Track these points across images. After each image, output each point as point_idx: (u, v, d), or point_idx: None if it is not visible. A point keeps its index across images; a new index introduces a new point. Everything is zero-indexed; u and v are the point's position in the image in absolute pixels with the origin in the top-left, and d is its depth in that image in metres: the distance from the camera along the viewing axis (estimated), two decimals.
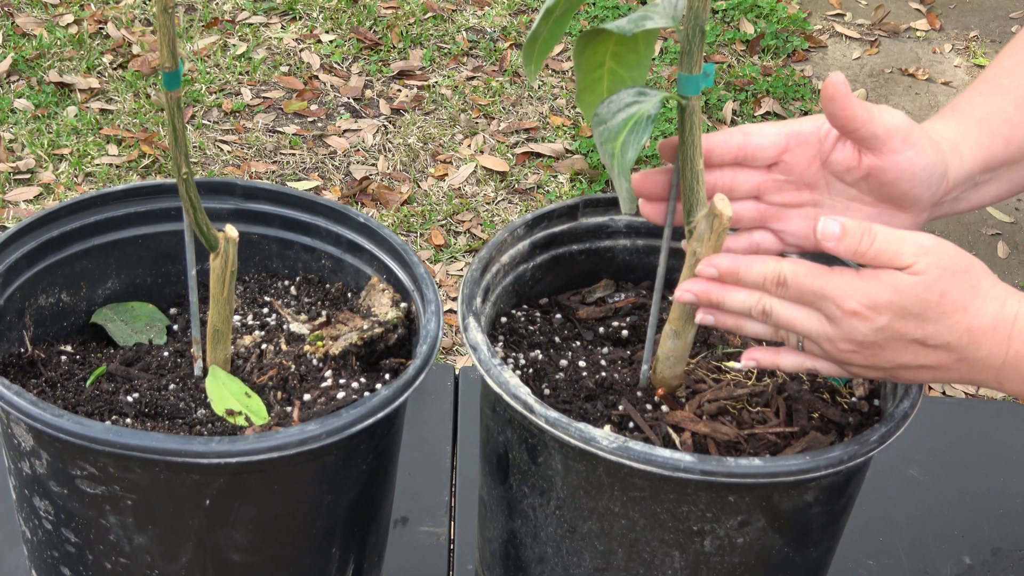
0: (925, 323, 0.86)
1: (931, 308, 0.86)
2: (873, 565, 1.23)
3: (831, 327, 0.87)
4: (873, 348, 0.87)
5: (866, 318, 0.86)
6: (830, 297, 0.86)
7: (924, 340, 0.86)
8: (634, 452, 0.86)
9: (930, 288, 0.85)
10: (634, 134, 0.85)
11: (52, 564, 0.98)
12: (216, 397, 0.98)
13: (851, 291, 0.86)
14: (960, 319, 0.86)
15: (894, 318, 0.85)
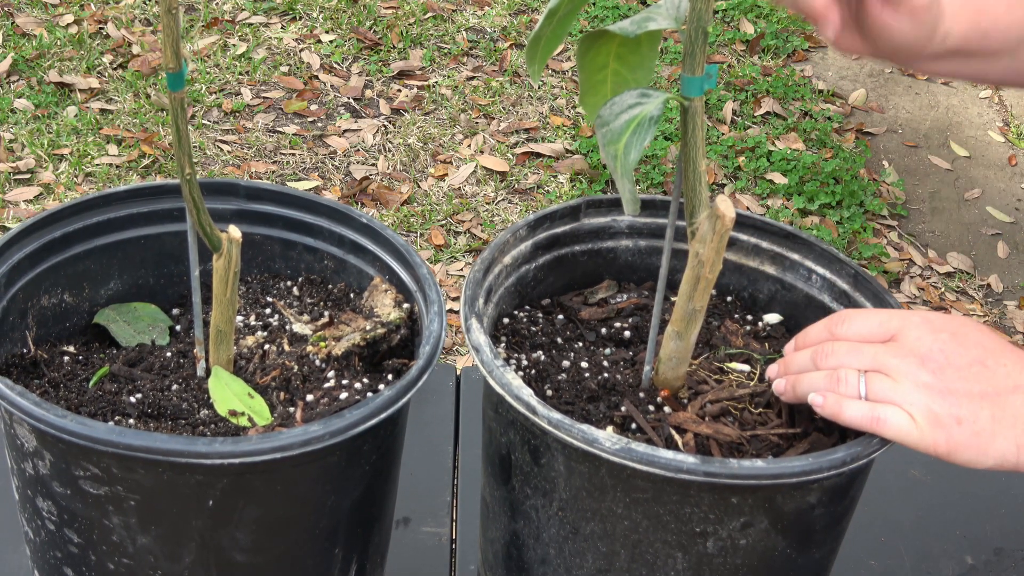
0: (983, 337, 0.88)
1: (985, 331, 0.89)
2: (875, 566, 1.23)
3: (894, 344, 0.89)
4: (936, 363, 0.88)
5: (929, 327, 0.88)
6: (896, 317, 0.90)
7: (984, 360, 0.88)
8: (637, 453, 0.86)
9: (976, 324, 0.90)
10: (637, 135, 0.85)
11: (55, 565, 0.98)
12: (219, 398, 0.98)
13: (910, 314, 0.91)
14: (1011, 348, 0.89)
15: (955, 334, 0.88)
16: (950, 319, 0.90)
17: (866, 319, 0.92)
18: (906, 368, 0.88)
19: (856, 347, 0.91)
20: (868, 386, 0.89)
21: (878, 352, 0.90)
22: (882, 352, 0.89)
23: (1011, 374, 0.87)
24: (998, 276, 3.13)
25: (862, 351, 0.90)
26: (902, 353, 0.89)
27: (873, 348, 0.90)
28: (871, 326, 0.92)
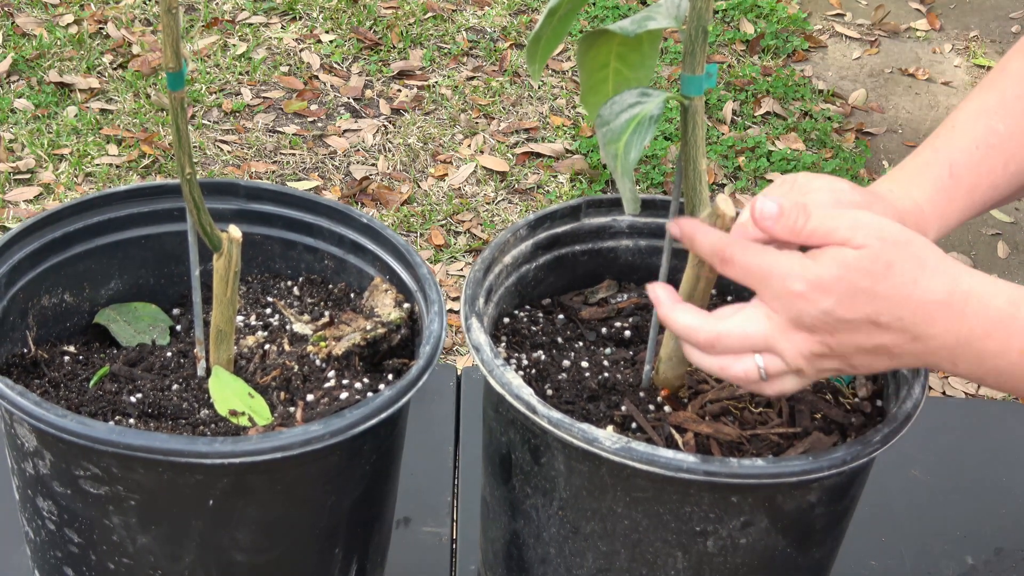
0: (875, 299, 0.82)
1: (879, 281, 0.82)
2: (875, 565, 1.23)
3: (776, 317, 0.84)
4: (826, 332, 0.83)
5: (813, 300, 0.82)
6: (777, 276, 0.83)
7: (876, 318, 0.83)
8: (637, 453, 0.86)
9: (876, 260, 0.82)
10: (637, 135, 0.85)
11: (55, 564, 0.98)
12: (219, 397, 0.98)
13: (799, 269, 0.83)
14: (911, 292, 0.83)
15: (843, 297, 0.82)
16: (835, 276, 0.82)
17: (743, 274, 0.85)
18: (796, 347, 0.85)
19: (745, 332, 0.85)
20: (767, 370, 0.86)
21: (766, 334, 0.85)
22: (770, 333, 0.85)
23: (908, 327, 0.83)
24: (998, 276, 3.13)
25: (751, 337, 0.85)
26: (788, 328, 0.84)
27: (759, 328, 0.85)
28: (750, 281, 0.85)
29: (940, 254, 0.85)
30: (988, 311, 0.84)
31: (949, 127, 1.04)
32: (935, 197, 1.01)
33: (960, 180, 1.01)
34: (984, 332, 0.83)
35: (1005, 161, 1.02)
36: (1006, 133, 1.02)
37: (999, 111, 1.03)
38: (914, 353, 0.85)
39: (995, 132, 1.02)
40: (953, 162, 1.02)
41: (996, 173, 1.02)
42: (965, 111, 1.04)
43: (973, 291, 0.84)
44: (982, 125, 1.03)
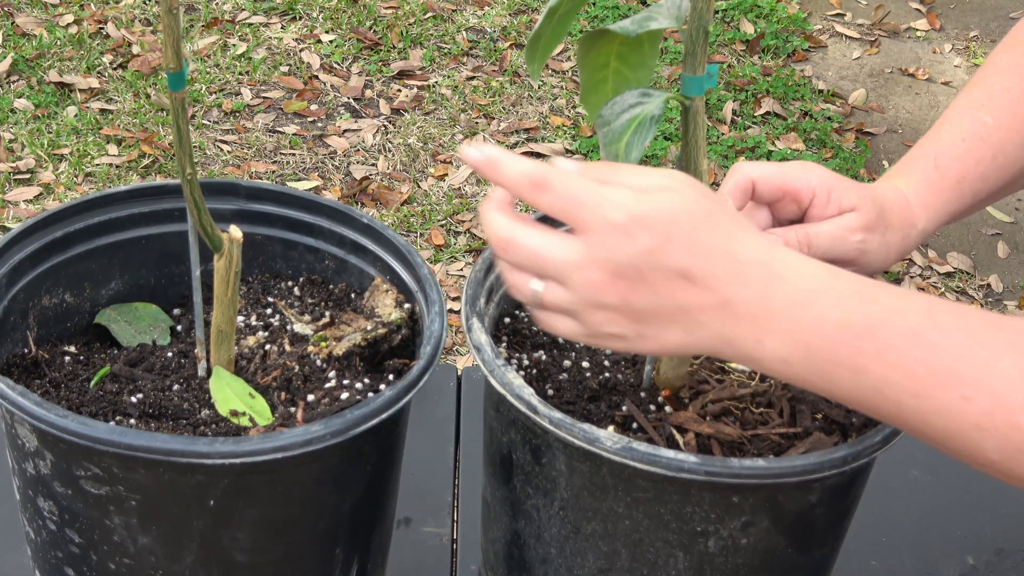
0: (694, 247, 0.75)
1: (702, 227, 0.76)
2: (876, 565, 1.23)
3: (585, 249, 0.75)
4: (631, 280, 0.75)
5: (633, 235, 0.74)
6: (598, 204, 0.75)
7: (689, 271, 0.75)
8: (638, 453, 0.86)
9: (699, 204, 0.76)
10: (638, 135, 0.85)
11: (56, 564, 0.98)
12: (220, 398, 0.98)
13: (624, 199, 0.75)
14: (729, 246, 0.76)
15: (664, 239, 0.75)
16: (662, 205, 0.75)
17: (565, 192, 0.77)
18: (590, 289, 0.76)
19: (543, 251, 0.77)
20: (544, 300, 0.78)
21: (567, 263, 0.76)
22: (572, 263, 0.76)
23: (720, 287, 0.76)
24: (998, 276, 3.13)
25: (546, 260, 0.77)
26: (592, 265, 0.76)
27: (562, 254, 0.76)
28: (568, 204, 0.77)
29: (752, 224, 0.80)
30: (805, 277, 0.77)
31: (938, 123, 1.05)
32: (920, 189, 1.01)
33: (946, 172, 1.02)
34: (801, 300, 0.76)
35: (994, 153, 1.02)
36: (994, 125, 1.02)
37: (987, 104, 1.03)
38: (717, 327, 0.77)
39: (983, 124, 1.03)
40: (938, 154, 1.02)
41: (985, 164, 1.02)
42: (954, 106, 1.05)
43: (789, 258, 0.78)
44: (969, 118, 1.03)
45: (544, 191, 0.77)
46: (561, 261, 0.77)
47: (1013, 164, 1.03)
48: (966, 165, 1.02)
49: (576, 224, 0.76)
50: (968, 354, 0.75)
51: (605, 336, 0.78)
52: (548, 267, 0.77)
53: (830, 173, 0.98)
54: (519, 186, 0.77)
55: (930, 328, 0.76)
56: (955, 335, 0.75)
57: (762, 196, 0.98)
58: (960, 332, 0.76)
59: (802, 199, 0.98)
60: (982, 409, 0.74)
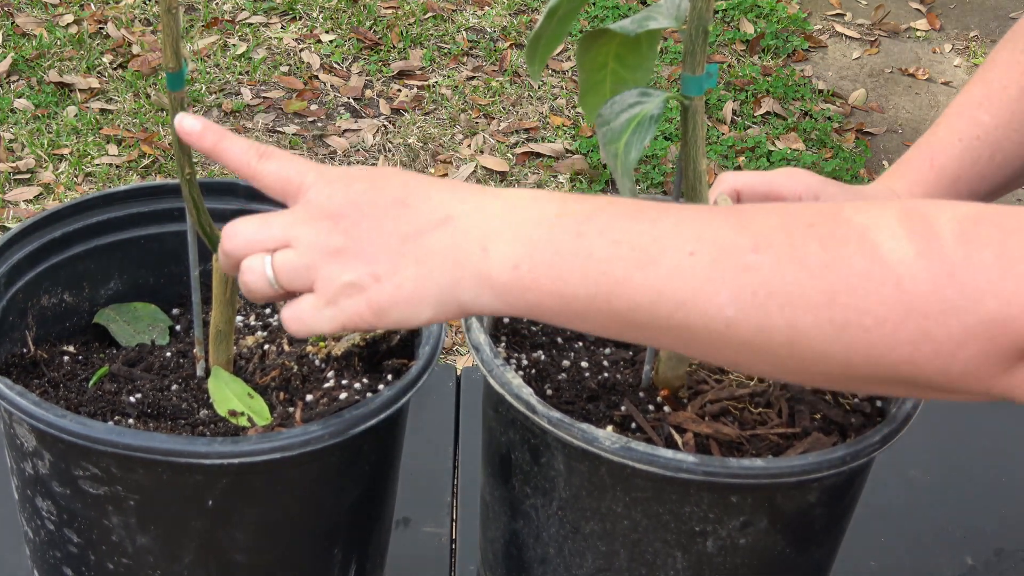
0: (408, 183, 0.76)
1: (412, 174, 0.77)
2: (875, 566, 1.23)
3: (304, 206, 0.76)
4: (352, 218, 0.75)
5: (346, 181, 0.76)
6: (315, 166, 0.77)
7: (406, 198, 0.75)
8: (637, 453, 0.86)
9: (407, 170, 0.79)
10: (637, 135, 0.85)
11: (54, 564, 0.97)
12: (218, 398, 0.98)
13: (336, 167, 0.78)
14: (444, 181, 0.77)
15: (377, 180, 0.76)
16: (370, 168, 0.78)
17: (284, 159, 0.79)
18: (315, 235, 0.75)
19: (263, 221, 0.77)
20: (276, 270, 0.76)
21: (287, 222, 0.76)
22: (291, 221, 0.76)
23: (438, 206, 0.75)
24: None
25: (268, 224, 0.77)
26: (312, 216, 0.76)
27: (282, 218, 0.76)
28: (287, 169, 0.78)
29: None
30: (522, 192, 0.76)
31: (937, 122, 1.05)
32: (915, 188, 1.02)
33: (942, 171, 1.02)
34: (518, 204, 0.75)
35: (992, 152, 1.02)
36: (991, 124, 1.02)
37: (985, 102, 1.03)
38: (443, 244, 0.74)
39: (980, 123, 1.03)
40: (935, 154, 1.02)
41: (982, 163, 1.02)
42: (953, 105, 1.05)
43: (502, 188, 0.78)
44: (967, 117, 1.03)
45: (269, 157, 0.78)
46: (284, 220, 0.76)
47: (1011, 163, 1.03)
48: (963, 164, 1.02)
49: (296, 188, 0.77)
50: (688, 218, 0.73)
51: (343, 290, 0.75)
52: (274, 228, 0.76)
53: (817, 179, 0.98)
54: (246, 153, 0.79)
55: (648, 206, 0.74)
56: (674, 209, 0.74)
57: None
58: (678, 207, 0.74)
59: None
60: (709, 258, 0.70)
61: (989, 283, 0.65)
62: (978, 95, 1.04)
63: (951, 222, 0.67)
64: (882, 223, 0.68)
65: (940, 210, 0.68)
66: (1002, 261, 0.65)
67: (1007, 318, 0.65)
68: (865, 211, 0.69)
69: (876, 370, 0.69)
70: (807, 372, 0.72)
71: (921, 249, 0.66)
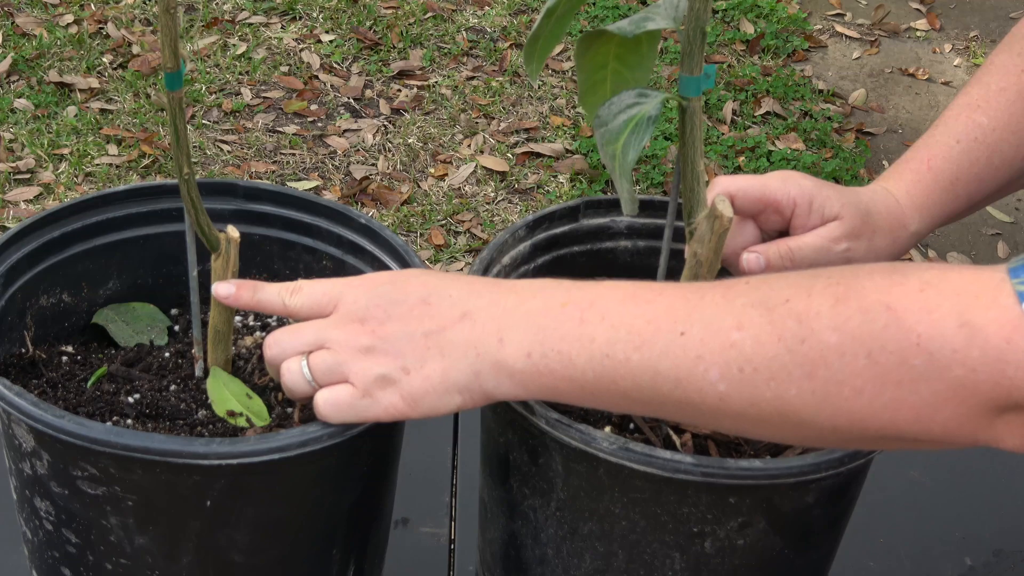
0: (428, 282, 0.83)
1: (429, 273, 0.85)
2: (874, 567, 1.23)
3: (335, 314, 0.84)
4: (378, 319, 0.82)
5: (368, 286, 0.84)
6: (338, 281, 0.85)
7: (427, 298, 0.83)
8: (635, 454, 0.86)
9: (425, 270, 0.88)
10: (635, 135, 0.85)
11: (53, 564, 0.97)
12: (217, 398, 0.98)
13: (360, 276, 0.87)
14: (458, 277, 0.85)
15: (398, 282, 0.84)
16: (392, 272, 0.87)
17: (312, 288, 0.87)
18: (345, 336, 0.83)
19: (297, 329, 0.86)
20: (312, 369, 0.85)
21: (320, 327, 0.85)
22: (323, 326, 0.85)
23: (457, 303, 0.82)
24: None
25: (303, 331, 0.86)
26: (342, 321, 0.84)
27: (316, 324, 0.85)
28: (317, 296, 0.86)
29: None
30: (532, 283, 0.84)
31: (934, 124, 1.05)
32: (912, 190, 1.02)
33: (939, 173, 1.02)
34: (530, 294, 0.82)
35: (989, 154, 1.02)
36: (989, 126, 1.03)
37: (982, 105, 1.03)
38: (464, 338, 0.81)
39: (978, 126, 1.03)
40: (932, 156, 1.03)
41: (980, 166, 1.02)
42: (951, 107, 1.05)
43: (515, 280, 0.86)
44: (964, 119, 1.03)
45: (298, 292, 0.87)
46: (317, 326, 0.85)
47: (1009, 165, 1.03)
48: (960, 166, 1.02)
49: (326, 305, 0.85)
50: (679, 298, 0.78)
51: (376, 383, 0.83)
52: (308, 334, 0.85)
53: (812, 181, 0.98)
54: (279, 296, 0.88)
55: (644, 290, 0.80)
56: (667, 290, 0.79)
57: (742, 209, 0.99)
58: (672, 288, 0.79)
59: (783, 210, 0.98)
60: (697, 338, 0.75)
61: (954, 352, 0.68)
62: (976, 97, 1.04)
63: (913, 291, 0.70)
64: (850, 295, 0.72)
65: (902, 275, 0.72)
66: (964, 330, 0.68)
67: (975, 383, 0.68)
68: (837, 282, 0.73)
69: (864, 433, 0.73)
70: (803, 437, 0.78)
71: (886, 321, 0.70)
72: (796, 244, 0.98)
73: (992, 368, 0.67)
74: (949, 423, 0.70)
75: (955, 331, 0.68)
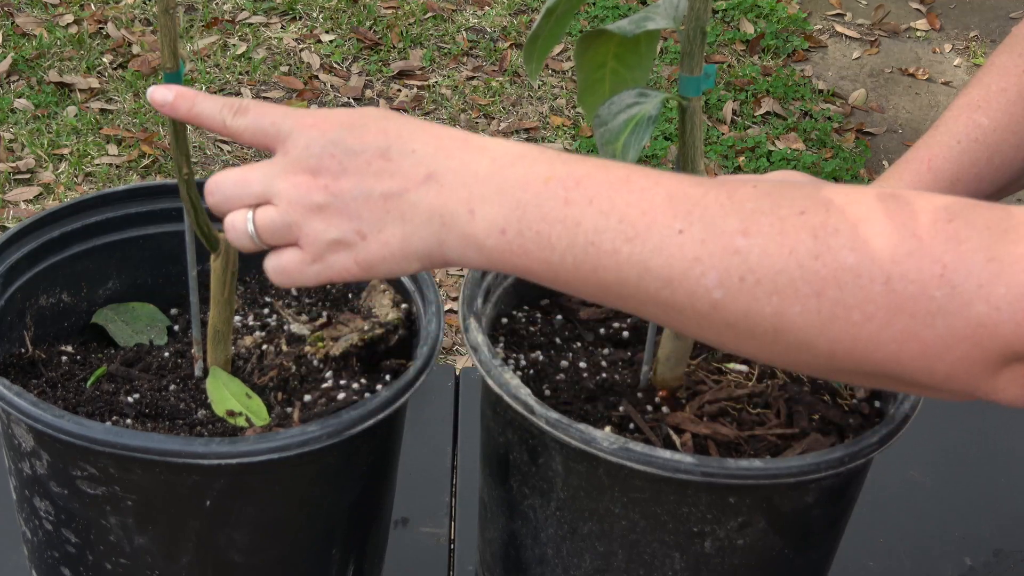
0: (388, 130, 0.74)
1: (392, 116, 0.76)
2: (874, 566, 1.23)
3: (283, 158, 0.76)
4: (332, 172, 0.74)
5: (321, 128, 0.75)
6: (292, 115, 0.76)
7: (387, 150, 0.74)
8: (635, 453, 0.86)
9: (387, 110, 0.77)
10: (635, 135, 0.85)
11: (52, 564, 0.97)
12: (216, 398, 0.98)
13: (313, 110, 0.77)
14: (424, 126, 0.75)
15: (354, 125, 0.75)
16: (349, 112, 0.76)
17: (260, 112, 0.78)
18: (295, 191, 0.75)
19: (243, 177, 0.77)
20: (258, 228, 0.76)
21: (267, 176, 0.76)
22: (271, 174, 0.76)
23: (421, 161, 0.74)
24: None
25: (248, 180, 0.77)
26: (292, 169, 0.75)
27: (262, 172, 0.76)
28: (263, 124, 0.77)
29: None
30: (508, 147, 0.75)
31: (935, 125, 1.05)
32: (911, 189, 1.02)
33: (940, 173, 1.02)
34: (507, 162, 0.74)
35: (989, 155, 1.02)
36: (989, 126, 1.03)
37: (983, 105, 1.03)
38: (428, 203, 0.73)
39: (978, 126, 1.03)
40: (932, 156, 1.03)
41: (980, 166, 1.02)
42: (951, 108, 1.05)
43: (488, 138, 0.76)
44: (964, 119, 1.03)
45: (243, 113, 0.78)
46: (263, 174, 0.76)
47: (1009, 166, 1.03)
48: (961, 167, 1.02)
49: (272, 139, 0.76)
50: (679, 191, 0.72)
51: (329, 248, 0.75)
52: (254, 184, 0.76)
53: (811, 181, 0.98)
54: (220, 113, 0.78)
55: (638, 175, 0.74)
56: (663, 179, 0.73)
57: None
58: (670, 177, 0.73)
59: None
60: (698, 238, 0.69)
61: (979, 287, 0.65)
62: (976, 98, 1.04)
63: (941, 221, 0.67)
64: (873, 216, 0.67)
65: (929, 202, 0.68)
66: (992, 265, 0.65)
67: (996, 323, 0.65)
68: (857, 201, 0.68)
69: (861, 364, 0.69)
70: (791, 358, 0.71)
71: (911, 248, 0.66)
72: None
73: (1016, 308, 0.64)
74: (956, 365, 0.66)
75: (983, 265, 0.64)
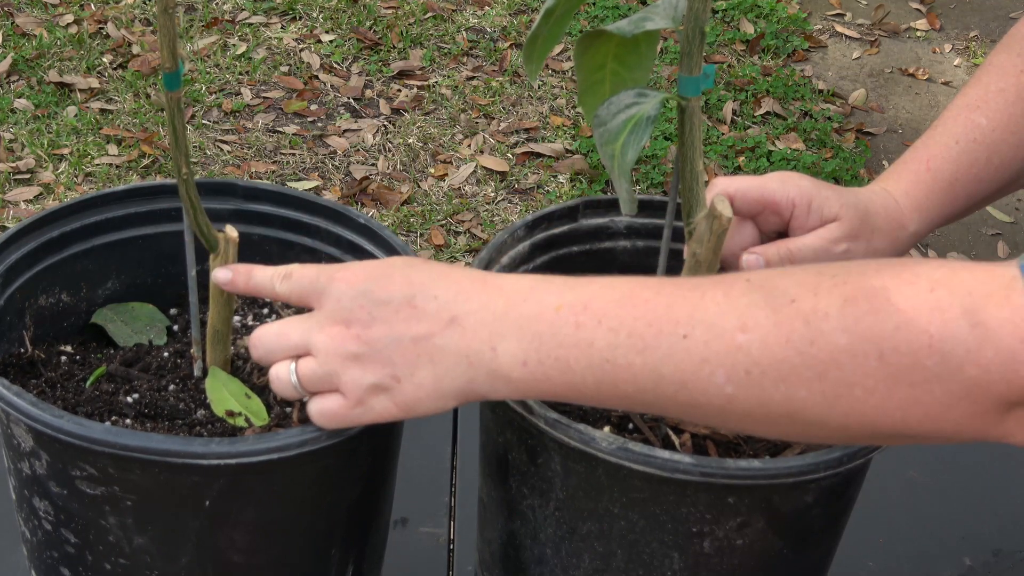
0: (412, 280, 0.81)
1: (415, 265, 0.82)
2: (873, 567, 1.23)
3: (319, 312, 0.82)
4: (363, 322, 0.80)
5: (350, 281, 0.81)
6: (322, 271, 0.83)
7: (412, 299, 0.80)
8: (634, 453, 0.86)
9: (408, 257, 0.87)
10: (634, 135, 0.85)
11: (52, 564, 0.97)
12: (216, 398, 0.98)
13: (343, 265, 0.84)
14: (447, 272, 0.82)
15: (380, 279, 0.81)
16: (377, 263, 0.84)
17: (301, 275, 0.85)
18: (331, 342, 0.81)
19: (282, 330, 0.84)
20: (300, 378, 0.84)
21: (305, 330, 0.83)
22: (308, 328, 0.83)
23: (444, 306, 0.80)
24: None
25: (287, 333, 0.84)
26: (327, 323, 0.82)
27: (300, 326, 0.83)
28: (304, 285, 0.85)
29: None
30: (519, 282, 0.81)
31: (933, 125, 1.05)
32: (911, 190, 1.02)
33: (939, 173, 1.02)
34: (520, 298, 0.79)
35: (988, 155, 1.02)
36: (988, 127, 1.03)
37: (981, 105, 1.04)
38: (454, 346, 0.79)
39: (977, 126, 1.03)
40: (931, 156, 1.03)
41: (979, 166, 1.02)
42: (950, 108, 1.05)
43: (502, 274, 0.83)
44: (963, 119, 1.03)
45: (288, 278, 0.86)
46: (302, 328, 0.83)
47: (1008, 166, 1.03)
48: (959, 167, 1.02)
49: (312, 296, 0.84)
50: (679, 299, 0.76)
51: (368, 392, 0.82)
52: (293, 337, 0.83)
53: (810, 182, 0.98)
54: (271, 280, 0.88)
55: (640, 288, 0.78)
56: (665, 288, 0.78)
57: (741, 210, 0.99)
58: (669, 285, 0.78)
59: (782, 211, 0.98)
60: (701, 340, 0.74)
61: (967, 352, 0.68)
62: (975, 98, 1.04)
63: (923, 292, 0.70)
64: (858, 296, 0.71)
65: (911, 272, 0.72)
66: (977, 331, 0.68)
67: (988, 383, 0.69)
68: (844, 282, 0.73)
69: (874, 432, 0.74)
70: (811, 436, 0.78)
71: (898, 323, 0.70)
72: (795, 245, 0.98)
73: (1006, 367, 0.67)
74: (961, 421, 0.70)
75: (968, 332, 0.68)
